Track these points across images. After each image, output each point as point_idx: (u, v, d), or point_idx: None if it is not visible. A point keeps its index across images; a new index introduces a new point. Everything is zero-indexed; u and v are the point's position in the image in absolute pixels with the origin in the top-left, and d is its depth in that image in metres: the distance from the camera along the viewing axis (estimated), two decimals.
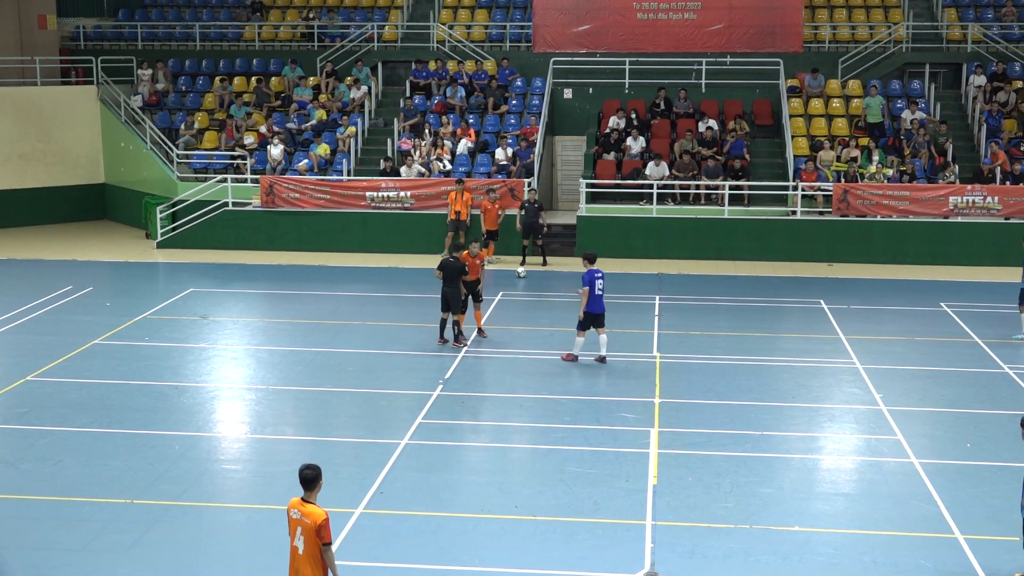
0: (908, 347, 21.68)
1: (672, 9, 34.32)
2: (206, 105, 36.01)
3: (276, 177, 31.33)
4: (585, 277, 20.08)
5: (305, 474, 10.37)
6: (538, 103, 34.05)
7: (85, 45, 38.60)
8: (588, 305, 19.95)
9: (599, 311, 20.10)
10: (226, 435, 17.03)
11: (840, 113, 33.54)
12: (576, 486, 14.85)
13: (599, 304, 20.04)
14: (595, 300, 19.98)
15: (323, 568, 10.26)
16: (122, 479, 15.03)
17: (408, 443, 16.39)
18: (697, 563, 12.76)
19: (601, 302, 20.06)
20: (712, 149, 31.90)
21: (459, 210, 29.11)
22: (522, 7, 37.87)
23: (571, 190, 33.99)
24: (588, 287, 19.93)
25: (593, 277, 20.05)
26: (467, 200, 29.29)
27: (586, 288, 19.94)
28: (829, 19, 36.88)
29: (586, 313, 20.03)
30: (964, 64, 34.28)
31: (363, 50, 36.80)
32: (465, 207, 29.17)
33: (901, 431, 16.94)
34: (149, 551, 12.99)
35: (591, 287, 19.94)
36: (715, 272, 28.52)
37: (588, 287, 19.93)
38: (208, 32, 38.81)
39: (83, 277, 27.47)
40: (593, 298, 19.95)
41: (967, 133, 32.92)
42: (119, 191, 36.21)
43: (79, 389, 18.90)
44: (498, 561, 12.78)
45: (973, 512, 14.11)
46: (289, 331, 22.94)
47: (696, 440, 16.59)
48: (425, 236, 30.41)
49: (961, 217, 29.61)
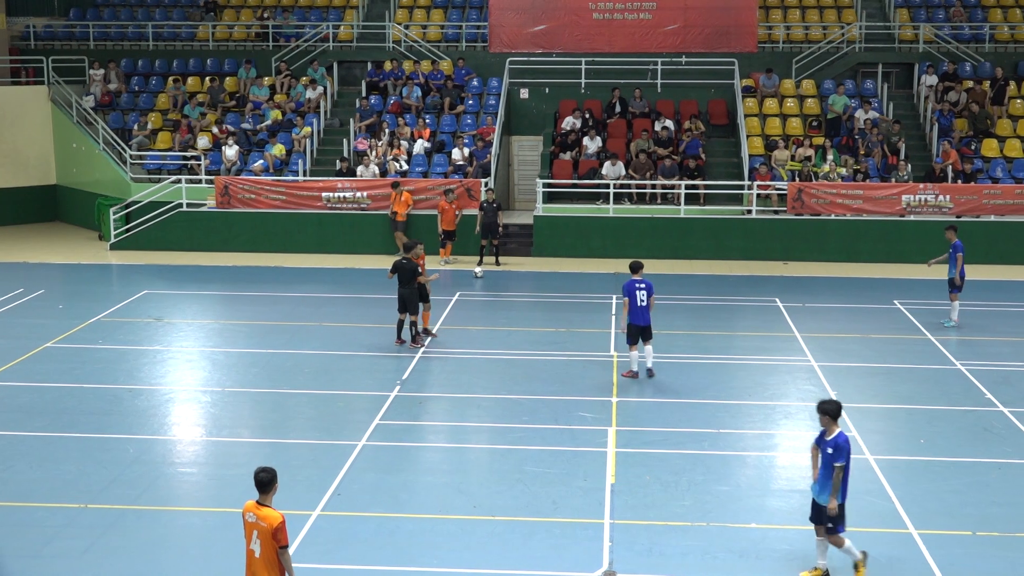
0: (862, 344, 21.88)
1: (628, 9, 34.42)
2: (159, 105, 35.69)
3: (231, 178, 31.12)
4: (626, 287, 19.12)
5: (260, 477, 10.29)
6: (494, 103, 34.04)
7: (36, 45, 38.14)
8: (630, 316, 19.01)
9: (642, 323, 19.13)
10: (181, 438, 16.87)
11: (794, 113, 33.81)
12: (534, 486, 14.85)
13: (642, 316, 19.07)
14: (637, 311, 19.02)
15: (280, 571, 10.20)
16: (75, 483, 14.85)
17: (366, 444, 16.32)
18: (655, 561, 12.80)
19: (645, 314, 19.09)
20: (668, 149, 32.03)
21: (396, 210, 29.25)
22: (478, 7, 37.85)
23: (528, 190, 34.03)
24: (628, 297, 19.04)
25: (634, 287, 19.04)
26: (405, 200, 29.43)
27: (626, 299, 19.06)
28: (783, 19, 37.16)
29: (630, 325, 19.13)
30: (916, 64, 34.67)
31: (318, 50, 36.64)
32: (404, 207, 29.33)
33: (856, 427, 17.08)
34: (103, 556, 12.84)
35: (632, 298, 19.01)
36: (672, 271, 28.64)
37: (628, 297, 19.04)
38: (161, 32, 38.48)
39: (34, 279, 27.15)
40: (635, 309, 19.00)
41: (919, 132, 33.30)
42: (71, 192, 35.81)
43: (31, 393, 18.65)
44: (457, 562, 12.75)
45: (927, 507, 14.26)
46: (245, 333, 22.78)
47: (653, 439, 16.64)
48: (381, 237, 30.33)
49: (914, 215, 29.94)
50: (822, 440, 12.12)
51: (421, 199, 30.31)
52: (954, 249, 23.04)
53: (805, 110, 33.87)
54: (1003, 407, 18.07)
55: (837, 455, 11.89)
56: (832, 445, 11.95)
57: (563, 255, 30.26)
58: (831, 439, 12.00)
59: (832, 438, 11.99)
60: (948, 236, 23.38)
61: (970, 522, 13.82)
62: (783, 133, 33.04)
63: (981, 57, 34.98)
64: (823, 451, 12.07)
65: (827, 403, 12.22)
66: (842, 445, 11.90)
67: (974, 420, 17.54)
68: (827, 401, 12.26)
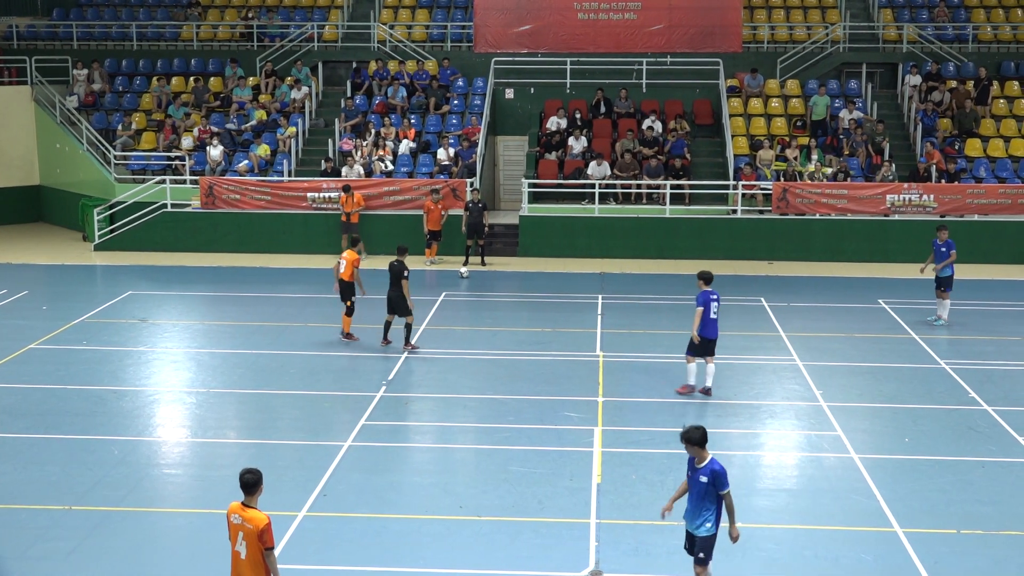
0: (847, 344, 21.94)
1: (612, 9, 34.44)
2: (143, 106, 35.57)
3: (216, 178, 31.04)
4: (700, 298, 18.26)
5: (246, 479, 10.26)
6: (479, 103, 34.04)
7: (19, 44, 37.95)
8: (702, 329, 18.23)
9: (713, 336, 18.42)
10: (166, 439, 16.81)
11: (779, 112, 33.89)
12: (520, 486, 14.84)
13: (714, 328, 18.38)
14: (710, 324, 18.27)
15: (266, 573, 10.16)
16: (59, 485, 14.79)
17: (352, 445, 16.29)
18: (641, 561, 12.81)
19: (716, 327, 18.38)
20: (654, 149, 32.07)
21: (348, 212, 29.42)
22: (463, 7, 37.84)
23: (513, 190, 34.04)
24: (703, 308, 18.21)
25: (708, 298, 18.23)
26: (357, 201, 29.47)
27: (700, 308, 18.23)
28: (767, 19, 37.24)
29: (701, 338, 18.32)
30: (900, 64, 34.79)
31: (303, 50, 36.57)
32: (355, 205, 29.51)
33: (841, 427, 17.14)
34: (87, 558, 12.79)
35: (706, 309, 18.20)
36: (657, 271, 28.68)
37: (703, 308, 18.21)
38: (145, 32, 38.34)
39: (18, 280, 27.03)
40: (708, 321, 18.23)
41: (903, 132, 33.41)
42: (55, 193, 35.65)
43: (14, 394, 18.56)
44: (443, 562, 12.74)
45: (912, 506, 14.30)
46: (230, 333, 22.72)
47: (639, 438, 16.65)
48: (367, 237, 30.22)
49: (898, 215, 30.05)
50: (693, 469, 11.32)
51: (407, 199, 30.30)
52: (947, 247, 23.12)
53: (790, 110, 33.96)
54: (987, 406, 18.15)
55: (720, 483, 11.14)
56: (707, 473, 11.17)
57: (549, 255, 30.26)
58: (704, 467, 11.21)
59: (705, 466, 11.21)
60: (941, 235, 23.44)
61: (955, 520, 13.87)
62: (768, 133, 33.12)
63: (964, 57, 35.13)
64: (695, 480, 11.29)
65: (691, 432, 11.28)
66: (719, 472, 11.12)
67: (958, 419, 17.60)
68: (690, 429, 11.31)
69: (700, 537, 11.43)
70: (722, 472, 11.18)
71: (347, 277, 21.51)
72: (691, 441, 11.28)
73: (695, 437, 11.26)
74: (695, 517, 11.40)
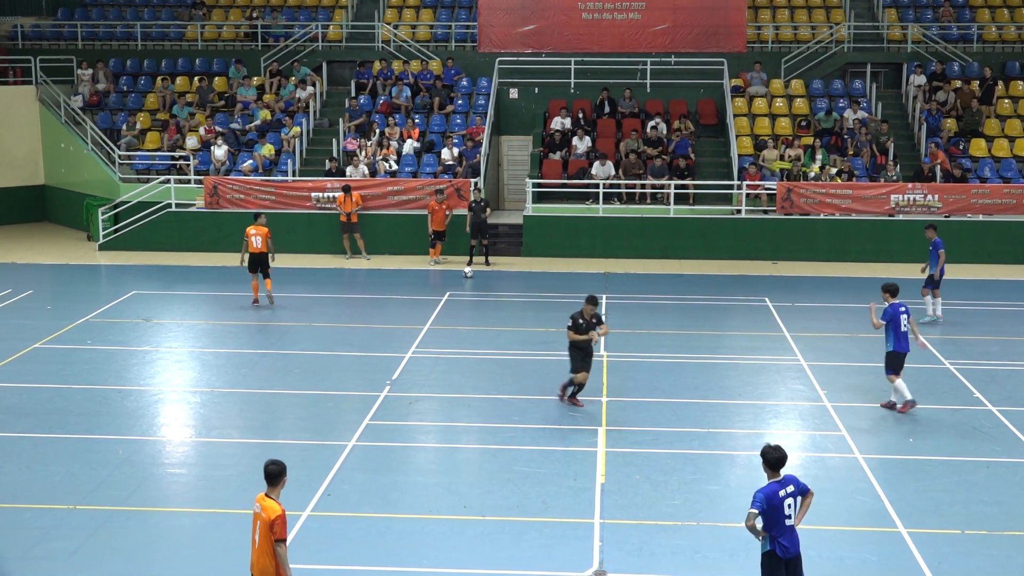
0: (851, 344, 21.91)
1: (617, 9, 34.42)
2: (148, 105, 35.59)
3: (220, 178, 31.05)
4: (887, 311, 17.79)
5: (269, 469, 10.39)
6: (484, 103, 34.03)
7: (23, 44, 37.98)
8: (896, 343, 17.74)
9: (907, 350, 17.90)
10: (171, 439, 16.83)
11: (783, 112, 33.86)
12: (524, 485, 14.84)
13: (906, 342, 17.87)
14: (904, 338, 17.78)
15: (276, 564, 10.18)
16: (64, 485, 14.80)
17: (356, 445, 16.30)
18: (645, 560, 12.81)
19: (907, 340, 17.88)
20: (658, 149, 32.05)
21: (348, 212, 29.42)
22: (467, 7, 37.82)
23: (517, 190, 34.02)
24: (892, 322, 17.74)
25: (897, 312, 17.77)
26: (356, 201, 29.48)
27: (888, 322, 17.75)
28: (772, 19, 37.21)
29: (895, 354, 17.81)
30: (904, 64, 34.74)
31: (308, 50, 36.58)
32: (353, 205, 29.55)
33: (845, 427, 17.12)
34: (92, 558, 12.80)
35: (896, 323, 17.75)
36: (661, 271, 28.67)
37: (892, 322, 17.74)
38: (150, 31, 38.37)
39: (22, 280, 27.06)
40: (901, 335, 17.73)
41: (908, 132, 33.37)
42: (59, 192, 35.69)
43: (19, 394, 18.59)
44: (447, 562, 12.74)
45: (916, 506, 14.29)
46: (234, 333, 22.73)
47: (643, 438, 16.65)
48: (371, 237, 30.27)
49: (903, 215, 30.01)
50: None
51: (411, 199, 30.31)
52: (935, 247, 23.27)
53: (794, 110, 33.93)
54: (991, 406, 18.13)
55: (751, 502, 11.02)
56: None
57: (553, 255, 30.25)
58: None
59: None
60: (928, 235, 23.61)
61: (959, 521, 13.86)
62: (772, 133, 33.08)
63: (969, 57, 35.07)
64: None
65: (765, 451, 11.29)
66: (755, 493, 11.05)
67: (963, 419, 17.58)
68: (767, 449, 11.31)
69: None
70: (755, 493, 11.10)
71: (264, 248, 24.09)
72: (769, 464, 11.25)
73: (770, 459, 11.27)
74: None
